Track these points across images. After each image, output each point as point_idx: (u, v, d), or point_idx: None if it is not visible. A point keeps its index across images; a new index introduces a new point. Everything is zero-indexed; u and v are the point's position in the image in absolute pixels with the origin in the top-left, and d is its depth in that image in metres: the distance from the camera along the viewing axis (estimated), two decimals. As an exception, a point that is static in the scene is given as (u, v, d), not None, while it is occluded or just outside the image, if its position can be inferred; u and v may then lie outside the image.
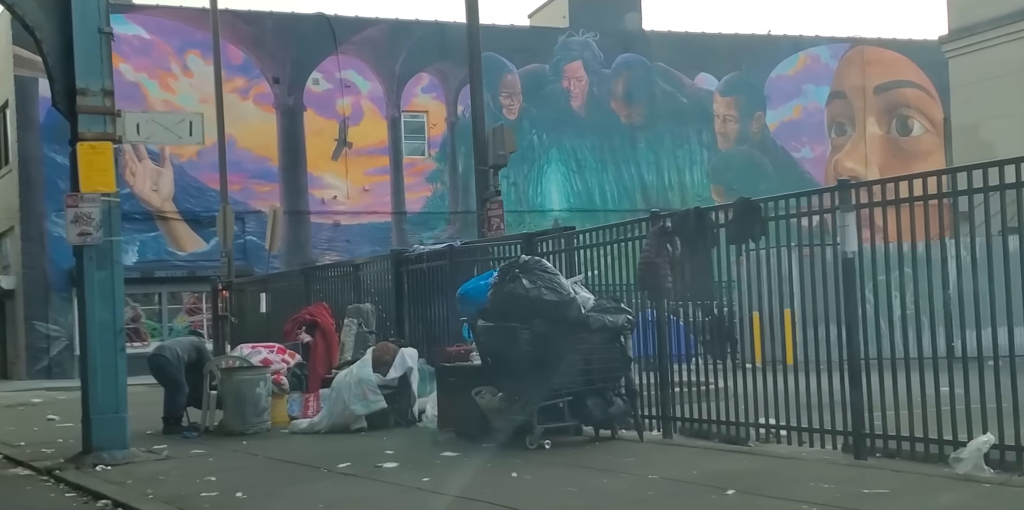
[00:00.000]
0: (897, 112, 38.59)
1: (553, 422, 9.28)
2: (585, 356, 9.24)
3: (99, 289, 10.58)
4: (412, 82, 35.16)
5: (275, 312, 17.66)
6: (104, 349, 10.58)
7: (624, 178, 37.34)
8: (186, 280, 32.63)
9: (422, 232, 34.50)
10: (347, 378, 11.65)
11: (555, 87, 36.65)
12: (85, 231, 10.52)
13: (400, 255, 13.64)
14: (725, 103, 37.93)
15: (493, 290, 9.37)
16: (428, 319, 13.00)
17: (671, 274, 9.11)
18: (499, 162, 16.18)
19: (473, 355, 10.50)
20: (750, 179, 35.83)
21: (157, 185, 32.79)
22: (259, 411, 12.25)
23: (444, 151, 35.35)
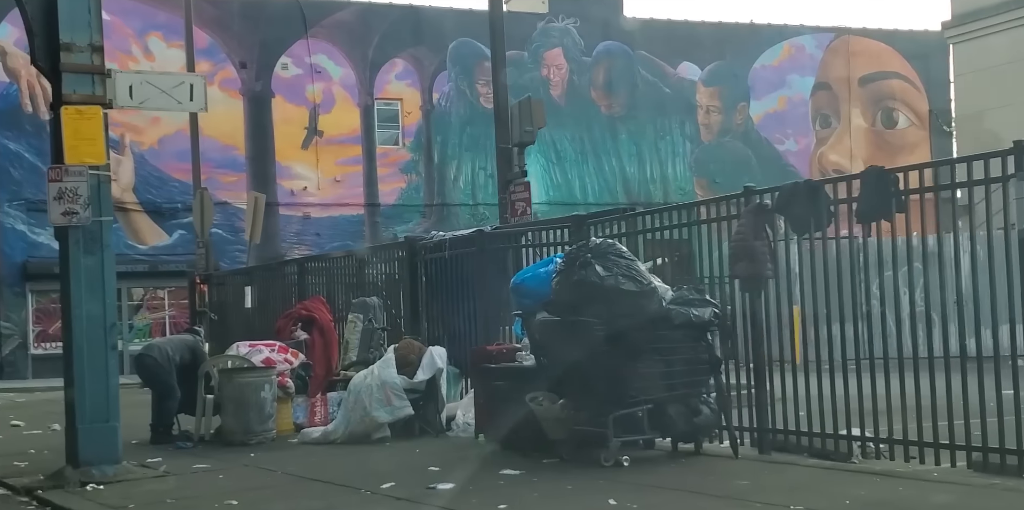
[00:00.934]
0: (882, 104, 37.65)
1: (629, 434, 7.92)
2: (666, 356, 7.89)
3: (87, 277, 9.09)
4: (386, 68, 33.66)
5: (262, 307, 16.18)
6: (93, 347, 9.09)
7: (605, 170, 36.08)
8: (147, 275, 30.95)
9: (396, 225, 33.08)
10: (367, 380, 10.22)
11: (534, 75, 35.28)
12: (71, 210, 9.01)
13: (416, 243, 12.19)
14: (708, 93, 36.78)
15: (559, 279, 8.00)
16: (451, 315, 11.59)
17: (771, 260, 7.76)
18: (526, 139, 14.78)
19: (521, 355, 9.12)
20: (734, 172, 34.67)
21: (116, 174, 30.71)
22: (264, 418, 10.78)
23: (419, 141, 33.87)
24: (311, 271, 14.93)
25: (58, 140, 9.10)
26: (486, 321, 10.97)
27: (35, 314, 29.85)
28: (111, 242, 9.32)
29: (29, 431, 13.35)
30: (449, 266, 11.57)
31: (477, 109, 34.30)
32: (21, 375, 29.03)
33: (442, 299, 11.79)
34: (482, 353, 9.65)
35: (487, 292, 10.94)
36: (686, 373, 7.95)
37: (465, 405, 10.28)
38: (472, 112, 34.28)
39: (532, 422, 8.37)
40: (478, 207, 33.99)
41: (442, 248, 11.67)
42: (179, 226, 31.34)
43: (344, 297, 14.26)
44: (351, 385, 10.46)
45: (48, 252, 29.75)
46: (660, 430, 8.03)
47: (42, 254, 29.61)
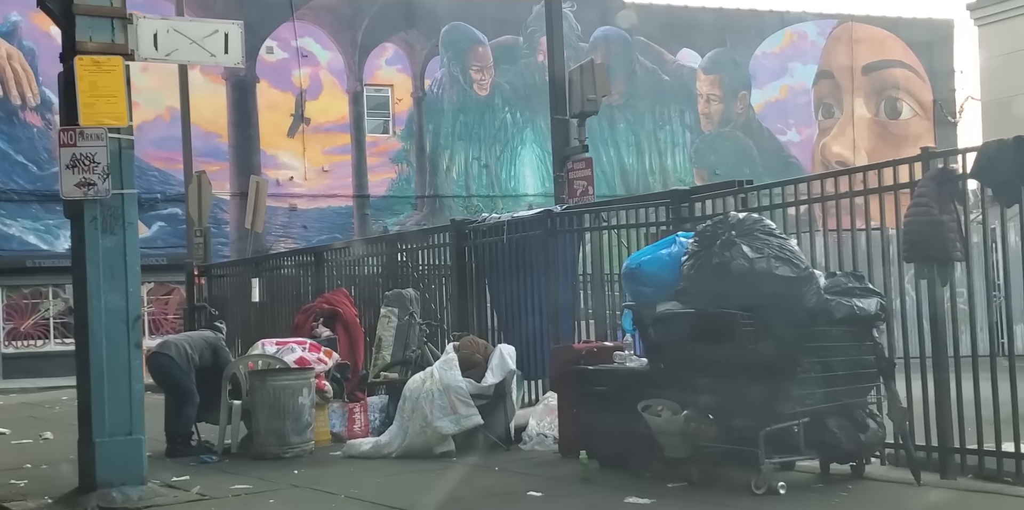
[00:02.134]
0: (886, 94, 36.51)
1: (782, 454, 6.51)
2: (825, 358, 6.49)
3: (106, 262, 7.57)
4: (375, 53, 32.11)
5: (273, 302, 14.66)
6: (114, 346, 7.58)
7: (603, 161, 34.56)
8: (125, 269, 29.05)
9: (386, 218, 31.61)
10: (427, 385, 8.75)
11: (529, 61, 33.83)
12: (87, 180, 7.51)
13: (465, 226, 10.73)
14: (709, 81, 35.50)
15: (692, 262, 6.58)
16: (509, 308, 10.13)
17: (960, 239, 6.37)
18: (589, 109, 13.29)
19: (622, 355, 7.69)
20: (735, 163, 33.52)
21: (93, 162, 29.20)
22: (302, 428, 9.29)
23: (410, 129, 32.34)
24: (331, 260, 13.43)
25: (70, 97, 7.58)
26: (555, 315, 9.54)
27: (5, 311, 28.12)
28: (135, 219, 7.81)
29: (17, 440, 11.79)
30: (507, 252, 10.12)
31: (470, 96, 32.89)
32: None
33: (497, 290, 10.34)
34: (568, 353, 8.21)
35: (556, 282, 9.51)
36: (849, 379, 6.55)
37: (539, 413, 8.84)
38: (465, 99, 32.86)
39: (644, 436, 6.97)
40: (472, 199, 32.55)
41: (498, 231, 10.21)
42: (159, 218, 29.71)
43: (371, 289, 12.80)
44: (406, 390, 8.98)
45: (19, 245, 28.10)
46: (819, 448, 6.60)
47: (12, 247, 27.95)
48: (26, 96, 28.44)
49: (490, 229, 10.32)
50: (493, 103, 33.42)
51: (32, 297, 28.52)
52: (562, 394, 8.16)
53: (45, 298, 28.56)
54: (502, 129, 33.52)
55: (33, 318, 28.35)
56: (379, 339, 11.46)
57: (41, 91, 28.50)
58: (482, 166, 33.24)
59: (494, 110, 33.43)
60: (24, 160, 28.33)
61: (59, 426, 12.98)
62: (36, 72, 28.50)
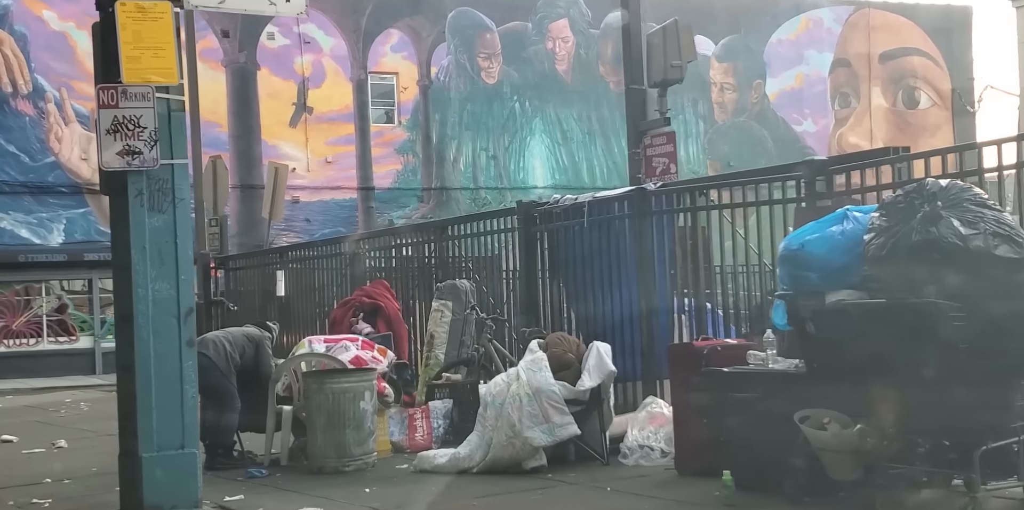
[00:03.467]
0: (903, 82, 35.48)
1: (996, 477, 5.36)
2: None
3: (154, 245, 6.41)
4: (380, 39, 30.86)
5: (300, 296, 13.47)
6: (163, 344, 6.42)
7: (614, 152, 33.51)
8: (122, 264, 27.76)
9: (391, 211, 30.39)
10: (514, 389, 7.59)
11: (538, 48, 32.69)
12: (131, 148, 6.33)
13: (534, 208, 9.56)
14: (722, 70, 34.39)
15: (881, 242, 5.45)
16: (591, 301, 8.95)
17: None
18: (672, 77, 12.08)
19: (760, 356, 6.53)
20: (749, 154, 32.45)
21: (87, 153, 27.90)
22: (363, 437, 8.13)
23: (416, 119, 31.12)
24: (368, 250, 12.25)
25: (109, 50, 6.42)
26: (649, 309, 8.38)
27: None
28: (187, 195, 6.63)
29: (27, 449, 10.58)
30: (588, 237, 8.95)
31: (478, 85, 31.70)
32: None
33: (575, 280, 9.18)
34: (687, 352, 7.05)
35: (652, 270, 8.36)
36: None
37: (641, 421, 7.69)
38: (473, 88, 31.66)
39: (801, 453, 5.83)
40: (479, 191, 31.37)
41: (576, 214, 9.05)
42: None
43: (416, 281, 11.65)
44: (487, 395, 7.82)
45: (10, 239, 26.76)
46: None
47: (3, 241, 26.62)
48: (17, 83, 27.10)
49: (566, 211, 9.16)
50: (501, 92, 32.25)
51: (24, 294, 27.20)
52: (680, 400, 7.01)
53: (38, 295, 27.24)
54: (511, 119, 32.35)
55: (25, 316, 27.04)
56: (431, 336, 10.31)
57: (33, 78, 27.18)
58: (490, 157, 32.07)
59: (502, 99, 32.26)
60: (16, 150, 26.99)
61: (71, 432, 11.82)
62: (28, 58, 27.17)
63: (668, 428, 7.45)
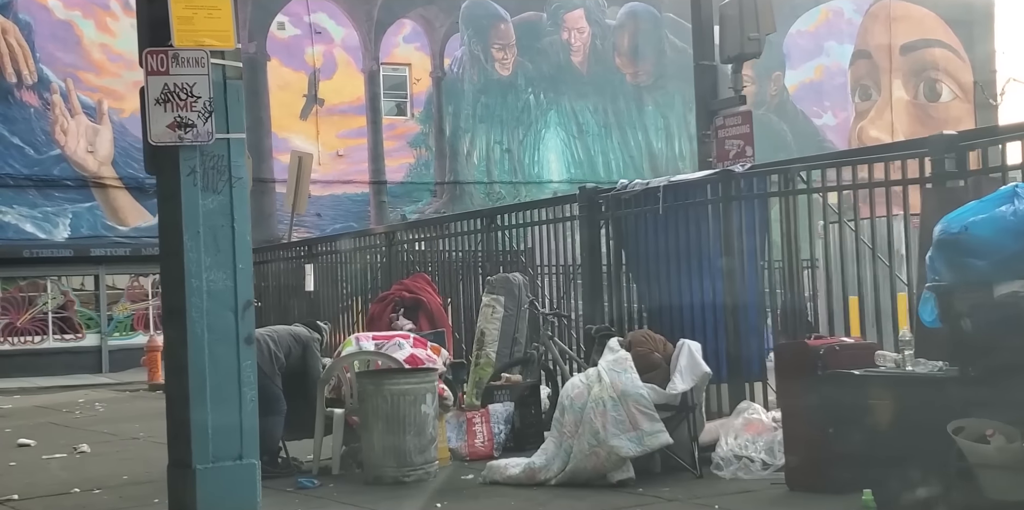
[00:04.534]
0: (925, 75, 34.78)
1: None
2: None
3: (208, 229, 5.69)
4: (392, 30, 30.13)
5: (331, 291, 12.74)
6: (219, 341, 5.70)
7: (631, 145, 32.86)
8: (128, 260, 27.14)
9: (404, 205, 29.65)
10: (596, 392, 6.86)
11: (553, 39, 31.99)
12: (183, 120, 5.61)
13: (599, 195, 8.83)
14: (741, 62, 33.61)
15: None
16: (666, 296, 8.21)
17: None
18: (749, 50, 11.28)
19: (891, 357, 5.79)
20: (768, 148, 31.33)
21: (93, 145, 27.26)
22: (425, 444, 7.40)
23: (428, 111, 30.39)
24: (405, 241, 11.53)
25: (156, 10, 5.69)
26: (735, 305, 7.65)
27: (1, 304, 26.01)
28: (244, 173, 5.90)
29: (48, 454, 9.85)
30: (662, 225, 8.22)
31: (492, 76, 30.98)
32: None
33: (647, 273, 8.45)
34: (799, 352, 6.30)
35: (739, 262, 7.64)
36: None
37: (737, 429, 6.95)
38: (486, 80, 30.93)
39: (956, 470, 5.11)
40: (493, 185, 30.64)
41: (649, 200, 8.31)
42: (164, 205, 27.66)
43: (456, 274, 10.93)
44: (564, 398, 7.08)
45: (15, 234, 26.00)
46: None
47: (8, 236, 25.86)
48: (22, 74, 26.35)
49: (637, 198, 8.42)
50: (516, 83, 31.54)
51: (29, 290, 26.45)
52: (791, 406, 6.28)
53: (43, 291, 26.50)
54: (525, 111, 31.64)
55: (30, 313, 26.29)
56: (480, 333, 9.61)
57: (38, 68, 26.44)
58: (504, 150, 31.36)
59: (517, 91, 31.55)
60: (20, 142, 26.25)
61: (91, 436, 11.11)
62: (33, 48, 26.43)
63: (768, 437, 6.73)
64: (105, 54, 27.40)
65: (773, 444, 6.65)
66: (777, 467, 6.56)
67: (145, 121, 5.62)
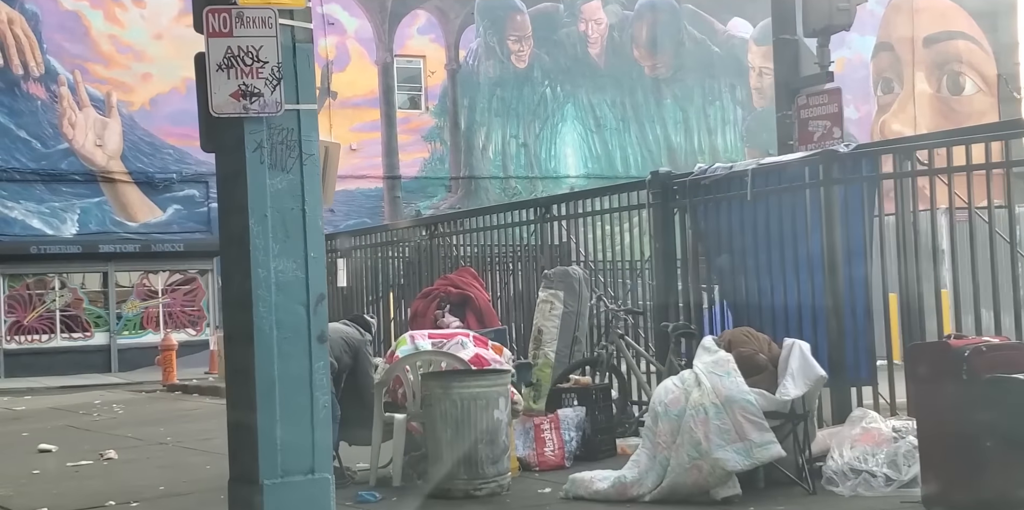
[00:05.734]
0: (948, 68, 34.09)
1: None
2: None
3: (276, 212, 5.00)
4: (406, 21, 29.45)
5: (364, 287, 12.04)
6: (289, 340, 5.00)
7: (648, 140, 32.18)
8: (137, 257, 26.51)
9: (418, 201, 28.98)
10: (695, 397, 6.15)
11: (570, 30, 31.32)
12: (249, 88, 4.92)
13: (672, 180, 8.13)
14: (761, 53, 32.90)
15: None
16: (754, 291, 7.51)
17: None
18: (838, 21, 10.51)
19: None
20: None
21: (102, 139, 26.58)
22: (498, 453, 6.70)
23: (443, 104, 29.69)
24: (448, 233, 10.85)
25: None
26: (838, 301, 6.94)
27: (6, 302, 25.37)
28: (316, 150, 5.20)
29: (73, 461, 9.16)
30: (749, 213, 7.52)
31: (508, 69, 30.30)
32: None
33: (731, 266, 7.74)
34: (939, 353, 5.59)
35: (847, 253, 6.93)
36: None
37: (852, 439, 6.23)
38: (502, 72, 30.25)
39: None
40: (509, 181, 29.97)
41: (733, 185, 7.62)
42: (174, 200, 27.04)
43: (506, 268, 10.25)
44: (657, 404, 6.37)
45: (21, 229, 25.30)
46: None
47: (14, 231, 25.18)
48: (28, 65, 25.67)
49: (719, 183, 7.72)
50: (532, 76, 30.86)
51: (36, 287, 25.76)
52: (931, 414, 5.57)
53: (50, 289, 25.81)
54: (541, 104, 30.97)
55: (37, 311, 25.61)
56: (538, 331, 8.93)
57: (45, 59, 25.76)
58: (520, 145, 30.69)
59: (533, 84, 30.88)
60: (27, 136, 25.57)
61: (115, 441, 10.43)
62: (40, 39, 25.74)
63: (889, 448, 6.03)
64: (114, 45, 26.72)
65: (896, 457, 5.95)
66: (903, 482, 5.86)
67: (206, 90, 4.93)
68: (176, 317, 26.67)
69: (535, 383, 8.51)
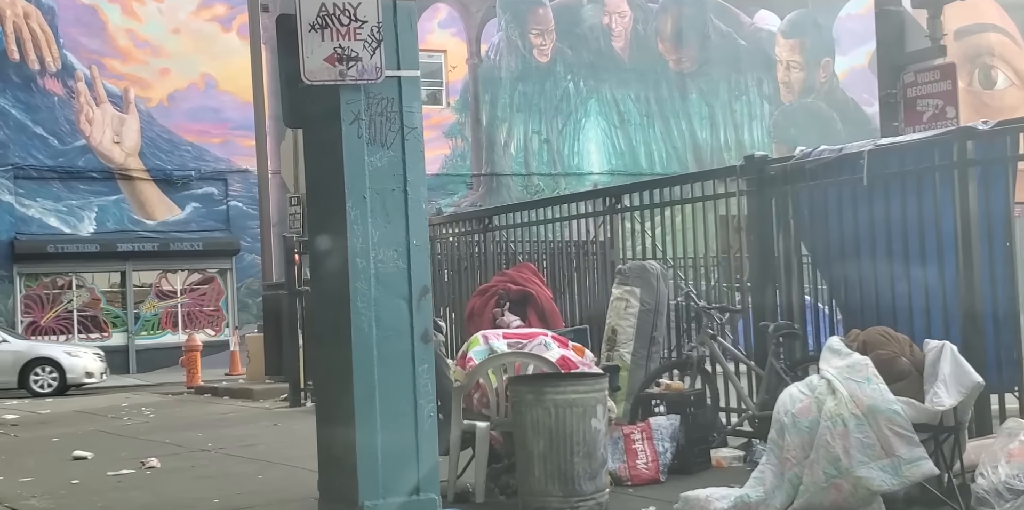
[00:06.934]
0: (979, 61, 33.37)
1: None
2: None
3: (375, 192, 4.40)
4: (427, 15, 28.76)
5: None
6: (389, 340, 4.40)
7: (673, 135, 31.52)
8: (156, 256, 25.94)
9: (439, 198, 28.26)
10: (832, 406, 5.45)
11: (594, 24, 30.68)
12: (346, 51, 4.30)
13: (769, 164, 7.47)
14: (788, 47, 32.37)
15: None
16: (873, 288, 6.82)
17: None
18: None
19: None
20: (818, 138, 30.09)
21: (119, 136, 25.99)
22: (595, 468, 6.03)
23: (465, 100, 29.06)
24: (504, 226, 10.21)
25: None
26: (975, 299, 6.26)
27: (24, 302, 24.78)
28: (419, 123, 4.57)
29: (113, 470, 8.51)
30: (865, 200, 6.83)
31: (530, 63, 29.66)
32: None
33: (842, 259, 7.07)
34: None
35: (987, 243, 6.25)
36: None
37: (1012, 453, 5.53)
38: (524, 67, 29.64)
39: None
40: (531, 177, 29.35)
41: (846, 168, 6.94)
42: (193, 198, 26.47)
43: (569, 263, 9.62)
44: (782, 414, 5.69)
45: (39, 228, 24.70)
46: None
47: (32, 230, 24.59)
48: (45, 60, 25.07)
49: (827, 167, 7.05)
50: (554, 71, 30.22)
51: (53, 287, 25.16)
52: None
53: (68, 288, 25.20)
54: (564, 100, 30.32)
55: (55, 311, 25.02)
56: (611, 331, 8.28)
57: (62, 55, 25.17)
58: (543, 141, 30.06)
59: (555, 78, 30.23)
60: (44, 133, 24.99)
61: (153, 447, 9.81)
62: (56, 33, 25.15)
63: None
64: (131, 40, 26.11)
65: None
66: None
67: (298, 55, 4.29)
68: (195, 317, 26.08)
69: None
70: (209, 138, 26.71)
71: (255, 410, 13.13)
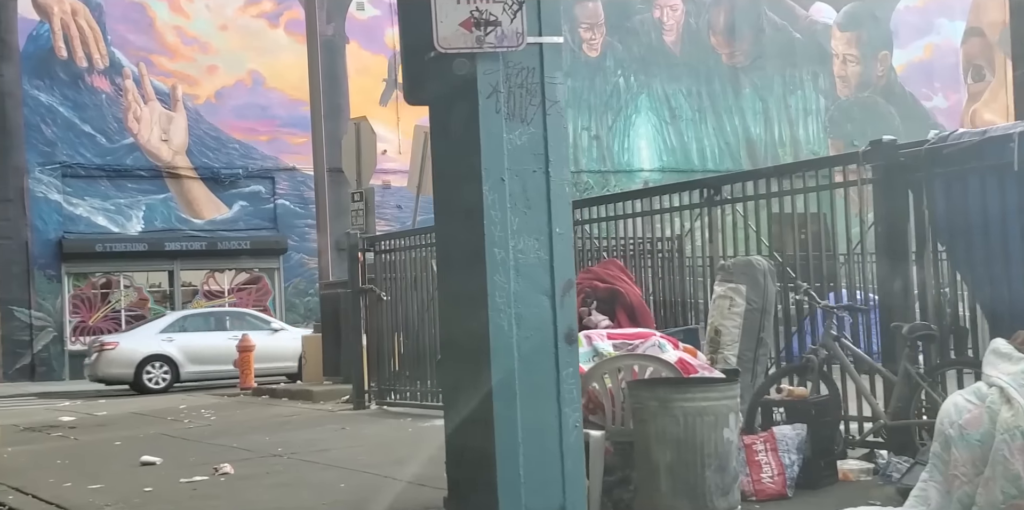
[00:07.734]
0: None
1: None
2: None
3: (515, 174, 3.88)
4: (476, 10, 28.27)
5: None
6: (529, 339, 3.87)
7: (726, 131, 30.89)
8: (204, 255, 25.64)
9: (489, 195, 27.78)
10: (1008, 418, 4.80)
11: (645, 17, 30.15)
12: (484, 16, 3.81)
13: (899, 150, 6.87)
14: (845, 40, 31.66)
15: None
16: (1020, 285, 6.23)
17: None
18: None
19: None
20: (874, 134, 29.38)
21: (167, 134, 25.70)
22: (728, 483, 5.48)
23: (515, 95, 28.48)
24: (587, 222, 9.67)
25: None
26: None
27: (72, 302, 24.51)
28: (562, 97, 4.05)
29: (186, 477, 8.03)
30: (1012, 187, 6.22)
31: (579, 58, 29.14)
32: (56, 376, 23.79)
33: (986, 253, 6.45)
34: None
35: None
36: None
37: None
38: (573, 61, 29.11)
39: None
40: (581, 175, 28.78)
41: (992, 153, 6.32)
42: (240, 196, 26.17)
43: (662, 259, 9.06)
44: (946, 425, 5.10)
45: (87, 226, 24.42)
46: None
47: (80, 229, 24.31)
48: (93, 58, 24.82)
49: (968, 152, 6.44)
50: (604, 65, 29.72)
51: (101, 287, 24.89)
52: None
53: (116, 288, 24.92)
54: (614, 95, 29.81)
55: (102, 311, 24.75)
56: (714, 331, 7.69)
57: (110, 52, 24.91)
58: (592, 137, 29.56)
59: (605, 73, 29.72)
60: (92, 130, 24.73)
61: (221, 452, 9.34)
62: (104, 30, 24.90)
63: None
64: (179, 37, 25.81)
65: None
66: None
67: (430, 19, 3.77)
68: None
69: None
70: (256, 136, 26.39)
71: (318, 412, 12.66)
